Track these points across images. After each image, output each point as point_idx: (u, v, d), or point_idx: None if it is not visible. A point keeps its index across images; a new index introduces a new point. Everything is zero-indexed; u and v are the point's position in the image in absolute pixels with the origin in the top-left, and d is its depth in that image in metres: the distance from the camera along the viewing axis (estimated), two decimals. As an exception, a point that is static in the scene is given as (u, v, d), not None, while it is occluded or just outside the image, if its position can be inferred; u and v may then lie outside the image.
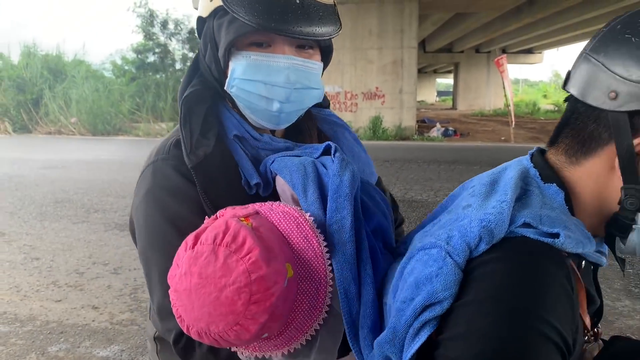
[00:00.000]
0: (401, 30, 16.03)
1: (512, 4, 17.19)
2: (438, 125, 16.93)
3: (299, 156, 0.92)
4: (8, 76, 17.85)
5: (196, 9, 17.48)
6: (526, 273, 0.63)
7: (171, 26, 18.09)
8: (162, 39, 18.00)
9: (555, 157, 0.77)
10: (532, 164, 0.79)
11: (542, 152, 0.81)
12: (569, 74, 0.75)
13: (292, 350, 0.79)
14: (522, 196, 0.73)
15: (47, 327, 3.10)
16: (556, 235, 0.67)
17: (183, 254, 0.73)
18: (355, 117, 16.80)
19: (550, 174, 0.76)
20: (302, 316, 0.77)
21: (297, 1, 0.86)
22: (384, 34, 16.16)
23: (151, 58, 18.01)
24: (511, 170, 0.78)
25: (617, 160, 0.69)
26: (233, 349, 0.81)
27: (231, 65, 0.91)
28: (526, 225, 0.68)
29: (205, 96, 0.95)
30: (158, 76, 18.10)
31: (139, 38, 18.02)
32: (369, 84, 16.75)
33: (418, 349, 0.66)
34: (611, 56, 0.68)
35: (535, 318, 0.60)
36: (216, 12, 0.91)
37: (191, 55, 18.21)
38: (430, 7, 17.34)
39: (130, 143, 14.32)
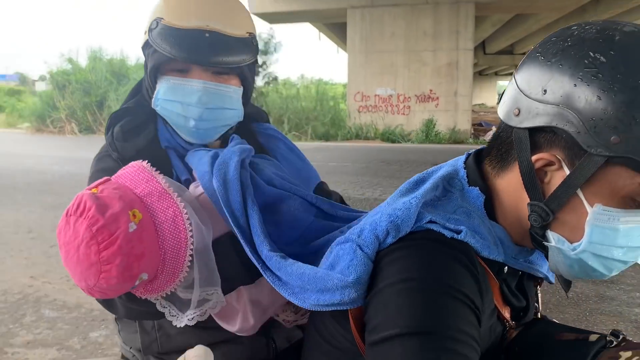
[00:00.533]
0: (457, 32, 15.77)
1: (575, 4, 16.57)
2: (494, 128, 16.50)
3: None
4: (76, 79, 18.81)
5: (253, 14, 17.73)
6: (429, 253, 0.69)
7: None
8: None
9: (488, 165, 0.79)
10: (463, 166, 0.80)
11: (479, 154, 0.82)
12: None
13: (179, 284, 0.89)
14: (442, 197, 0.76)
15: (91, 315, 3.26)
16: (458, 232, 0.70)
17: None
18: (408, 120, 16.65)
19: (476, 178, 0.78)
20: (173, 257, 0.88)
21: (207, 35, 1.01)
22: (438, 35, 15.94)
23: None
24: (442, 170, 0.81)
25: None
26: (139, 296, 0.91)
27: (157, 87, 1.06)
28: (432, 222, 0.72)
29: (135, 112, 1.12)
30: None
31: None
32: (423, 87, 16.55)
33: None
34: (521, 74, 0.70)
35: (443, 285, 0.64)
36: (148, 44, 1.05)
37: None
38: (487, 9, 16.96)
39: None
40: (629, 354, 0.68)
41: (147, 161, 0.95)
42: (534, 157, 0.68)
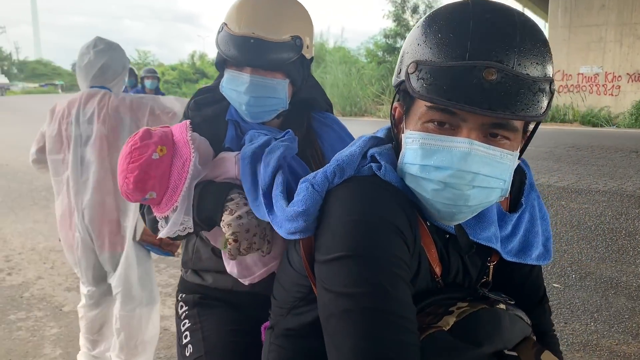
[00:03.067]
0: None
1: None
2: None
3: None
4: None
5: None
6: (368, 191, 0.82)
7: (422, 9, 18.46)
8: (411, 23, 18.51)
9: None
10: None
11: None
12: None
13: (175, 209, 1.20)
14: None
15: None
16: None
17: None
18: (616, 101, 14.88)
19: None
20: (173, 186, 1.20)
21: (252, 41, 1.26)
22: (660, 4, 13.84)
23: (400, 43, 18.68)
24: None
25: None
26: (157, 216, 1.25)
27: (223, 77, 1.37)
28: (373, 159, 0.87)
29: (214, 90, 1.42)
30: (405, 60, 18.67)
31: (389, 23, 18.57)
32: (637, 64, 14.59)
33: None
34: None
35: (380, 217, 0.79)
36: (216, 42, 1.35)
37: (438, 38, 18.39)
38: None
39: (371, 124, 15.29)
40: None
41: (189, 122, 1.27)
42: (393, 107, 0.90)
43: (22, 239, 4.97)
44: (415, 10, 18.30)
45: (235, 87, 1.32)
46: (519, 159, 0.85)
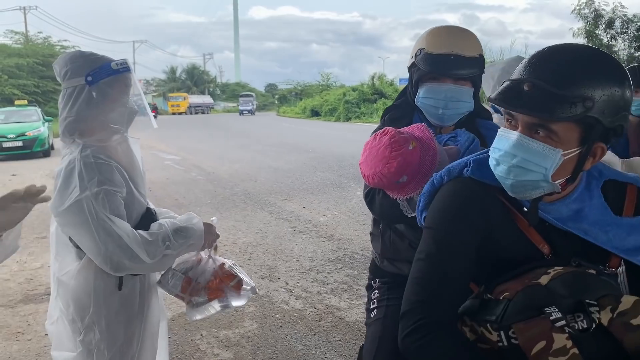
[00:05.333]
0: None
1: None
2: None
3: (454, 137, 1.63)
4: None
5: None
6: (450, 187, 1.19)
7: (617, 25, 16.99)
8: (605, 40, 17.12)
9: None
10: None
11: None
12: None
13: (419, 192, 1.44)
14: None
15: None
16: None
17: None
18: None
19: None
20: (424, 171, 1.47)
21: (452, 57, 1.61)
22: None
23: (591, 60, 17.37)
24: None
25: None
26: (392, 196, 1.53)
27: (418, 91, 1.68)
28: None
29: (402, 107, 1.76)
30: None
31: (577, 40, 17.30)
32: None
33: None
34: None
35: (451, 203, 1.17)
36: (413, 64, 1.68)
37: (637, 54, 16.67)
38: None
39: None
40: None
41: (425, 125, 1.57)
42: None
43: (227, 234, 5.90)
44: (610, 25, 16.87)
45: (435, 95, 1.63)
46: (578, 167, 1.05)
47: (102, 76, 1.63)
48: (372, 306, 1.74)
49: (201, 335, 3.44)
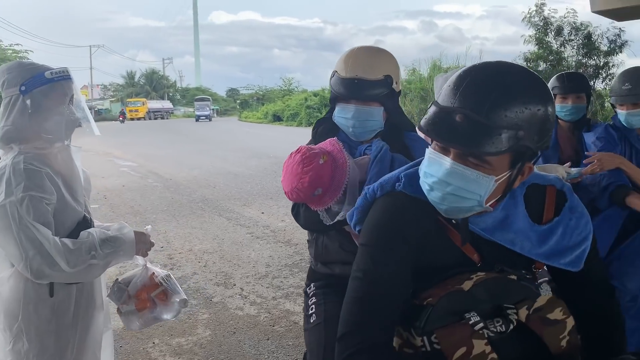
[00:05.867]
0: None
1: None
2: None
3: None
4: (415, 88, 20.94)
5: (595, 12, 16.32)
6: (384, 202, 1.19)
7: (566, 32, 17.61)
8: (555, 46, 17.72)
9: None
10: None
11: None
12: None
13: (335, 202, 1.58)
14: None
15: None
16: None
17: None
18: None
19: None
20: (336, 182, 1.59)
21: (355, 81, 1.69)
22: None
23: (542, 66, 17.94)
24: None
25: None
26: (313, 208, 1.63)
27: (335, 109, 1.78)
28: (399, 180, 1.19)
29: (330, 121, 1.83)
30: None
31: (528, 47, 17.82)
32: None
33: None
34: None
35: (384, 218, 1.17)
36: (330, 84, 1.78)
37: (585, 61, 17.32)
38: None
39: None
40: None
41: (336, 139, 1.67)
42: None
43: (182, 242, 5.85)
44: (559, 32, 17.48)
45: (345, 115, 1.73)
46: (509, 187, 1.08)
47: (35, 85, 1.64)
48: (310, 312, 1.78)
49: (153, 343, 3.41)
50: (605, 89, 16.92)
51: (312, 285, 1.86)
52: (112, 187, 9.64)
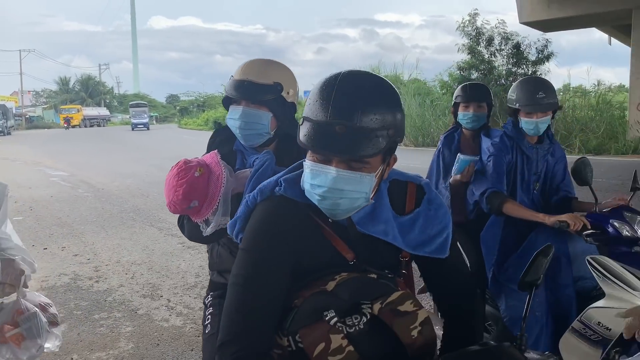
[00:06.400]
0: None
1: None
2: None
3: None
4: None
5: (523, 23, 17.00)
6: (264, 206, 1.22)
7: (497, 42, 18.38)
8: (486, 56, 18.45)
9: None
10: None
11: None
12: None
13: (212, 213, 1.60)
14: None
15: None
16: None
17: None
18: None
19: None
20: (211, 194, 1.58)
21: (245, 83, 1.74)
22: None
23: (475, 75, 18.63)
24: None
25: None
26: (194, 220, 1.65)
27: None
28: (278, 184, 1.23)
29: (228, 130, 1.84)
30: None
31: (463, 56, 18.50)
32: None
33: None
34: None
35: (264, 221, 1.20)
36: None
37: (514, 70, 18.12)
38: None
39: (444, 154, 15.31)
40: None
41: (217, 151, 1.71)
42: None
43: (110, 253, 5.68)
44: (490, 42, 18.23)
45: (233, 116, 1.77)
46: (381, 179, 1.17)
47: None
48: (206, 322, 1.79)
49: (71, 359, 3.29)
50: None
51: (209, 296, 1.86)
52: (39, 197, 9.25)
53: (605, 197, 2.68)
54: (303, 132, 1.12)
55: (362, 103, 1.09)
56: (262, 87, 1.74)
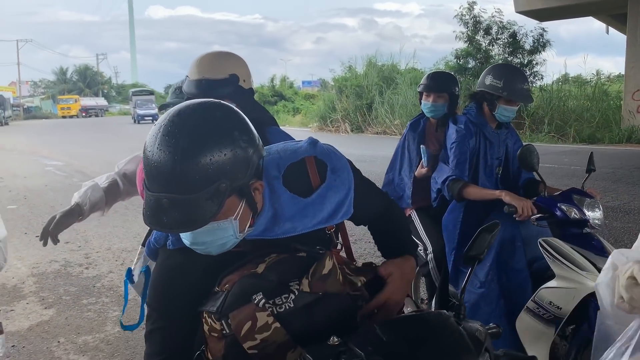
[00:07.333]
0: None
1: None
2: None
3: None
4: (351, 85, 21.26)
5: (519, 12, 16.93)
6: (159, 265, 1.29)
7: (494, 31, 18.32)
8: (484, 45, 18.40)
9: None
10: None
11: None
12: None
13: None
14: None
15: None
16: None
17: None
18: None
19: None
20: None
21: (203, 82, 1.86)
22: None
23: (472, 63, 18.60)
24: None
25: None
26: None
27: None
28: None
29: None
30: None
31: (461, 44, 18.45)
32: None
33: None
34: None
35: (161, 273, 1.28)
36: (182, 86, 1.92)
37: (511, 59, 18.11)
38: None
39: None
40: None
41: None
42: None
43: (101, 241, 5.76)
44: (487, 31, 18.19)
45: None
46: (254, 206, 1.13)
47: None
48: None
49: (58, 342, 3.38)
50: (533, 86, 17.75)
51: None
52: (33, 187, 9.33)
53: (594, 185, 2.74)
54: (144, 204, 1.07)
55: (181, 167, 0.99)
56: (219, 83, 1.83)
